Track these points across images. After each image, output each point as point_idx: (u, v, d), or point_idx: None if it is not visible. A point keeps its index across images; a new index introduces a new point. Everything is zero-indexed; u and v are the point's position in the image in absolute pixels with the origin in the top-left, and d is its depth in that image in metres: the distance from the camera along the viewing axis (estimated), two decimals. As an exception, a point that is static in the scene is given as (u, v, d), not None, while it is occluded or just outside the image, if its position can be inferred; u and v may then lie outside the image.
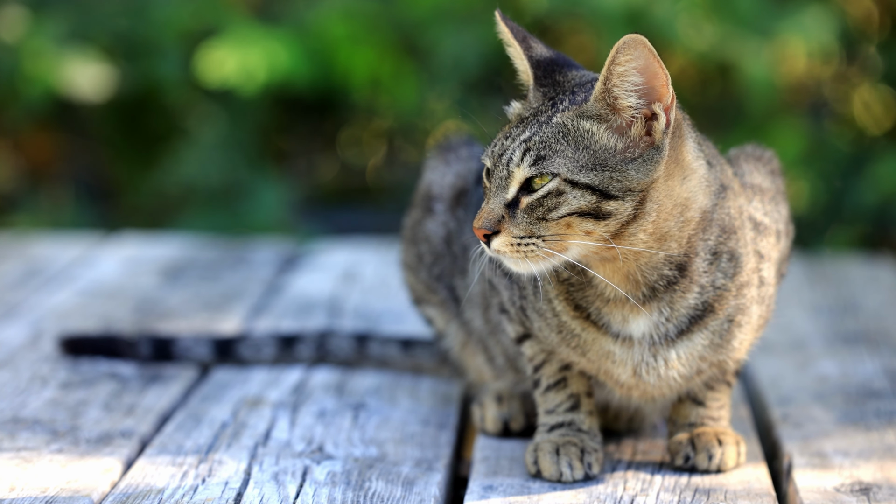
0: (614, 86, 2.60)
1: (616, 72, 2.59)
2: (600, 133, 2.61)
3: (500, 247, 2.62)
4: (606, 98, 2.61)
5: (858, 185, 5.90)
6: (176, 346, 3.57)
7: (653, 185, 2.61)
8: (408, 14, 6.13)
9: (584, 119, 2.62)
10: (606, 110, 2.61)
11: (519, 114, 2.73)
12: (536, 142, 2.61)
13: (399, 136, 7.00)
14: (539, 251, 2.61)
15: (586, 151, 2.60)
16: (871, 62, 6.35)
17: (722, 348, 2.78)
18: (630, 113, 2.61)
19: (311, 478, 2.86)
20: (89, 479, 2.85)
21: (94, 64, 6.21)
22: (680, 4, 5.83)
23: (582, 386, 2.90)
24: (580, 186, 2.59)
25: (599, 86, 2.61)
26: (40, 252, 4.81)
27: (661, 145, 2.61)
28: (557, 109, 2.65)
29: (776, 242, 2.87)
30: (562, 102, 2.66)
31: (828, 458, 2.97)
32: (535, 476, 2.85)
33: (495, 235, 2.61)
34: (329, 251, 4.94)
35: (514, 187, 2.62)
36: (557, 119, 2.63)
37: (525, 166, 2.61)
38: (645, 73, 2.59)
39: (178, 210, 6.40)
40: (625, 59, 2.57)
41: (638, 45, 2.56)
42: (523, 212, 2.61)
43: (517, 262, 2.63)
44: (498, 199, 2.63)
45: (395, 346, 3.54)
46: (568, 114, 2.63)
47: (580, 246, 2.61)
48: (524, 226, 2.61)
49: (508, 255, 2.62)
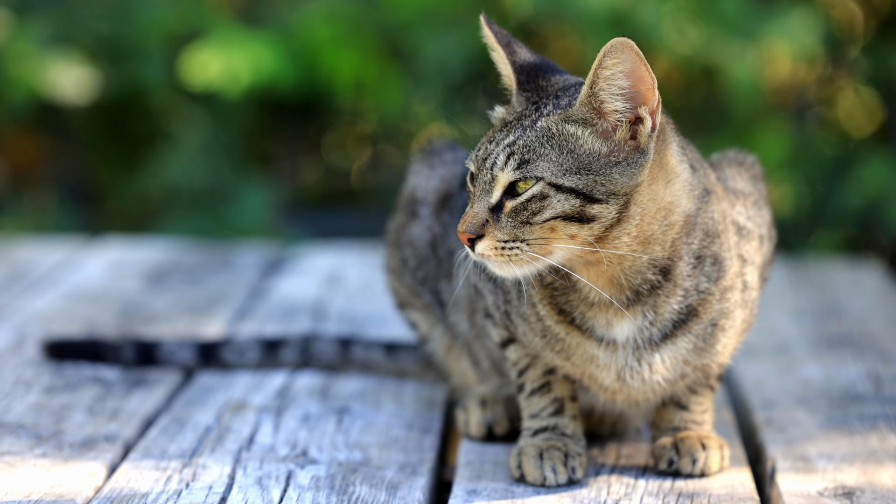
0: (601, 90, 2.60)
1: (603, 75, 2.59)
2: (585, 137, 2.61)
3: (484, 250, 2.62)
4: (592, 102, 2.61)
5: (843, 189, 5.90)
6: (160, 350, 3.56)
7: (637, 189, 2.61)
8: (392, 17, 6.13)
9: (569, 123, 2.62)
10: (592, 114, 2.61)
11: (503, 118, 2.73)
12: (520, 146, 2.61)
13: (383, 140, 7.00)
14: (523, 255, 2.61)
15: (570, 155, 2.60)
16: (856, 65, 6.36)
17: (706, 352, 2.78)
18: (615, 117, 2.61)
19: (294, 482, 2.85)
20: (73, 483, 2.85)
21: (77, 67, 6.20)
22: (664, 7, 5.83)
23: (566, 390, 2.90)
24: (564, 190, 2.59)
25: (585, 90, 2.61)
26: (24, 256, 4.80)
27: (647, 149, 2.62)
28: (542, 114, 2.64)
29: (759, 246, 2.88)
30: (546, 107, 2.66)
31: (811, 462, 2.97)
32: (519, 480, 2.85)
33: (479, 239, 2.61)
34: (313, 255, 4.94)
35: (499, 191, 2.62)
36: (542, 123, 2.63)
37: (509, 170, 2.61)
38: (632, 76, 2.59)
39: (163, 213, 6.39)
40: (612, 63, 2.57)
41: (625, 48, 2.56)
42: (507, 216, 2.61)
43: (501, 266, 2.63)
44: (482, 203, 2.63)
45: (379, 351, 3.53)
46: (552, 118, 2.63)
47: (564, 250, 2.61)
48: (508, 230, 2.61)
49: (493, 258, 2.62)
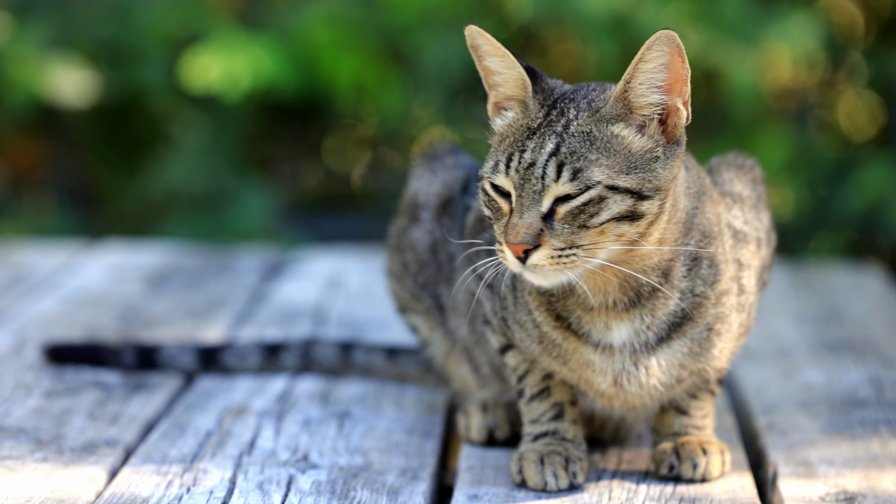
0: (640, 83, 2.58)
1: (643, 69, 2.57)
2: (626, 134, 2.59)
3: (539, 261, 2.56)
4: (628, 96, 2.59)
5: (844, 193, 5.90)
6: (160, 354, 3.56)
7: (672, 182, 2.61)
8: (392, 20, 6.12)
9: (607, 123, 2.59)
10: (625, 110, 2.59)
11: (524, 124, 2.65)
12: (566, 153, 2.56)
13: (384, 143, 6.99)
14: (578, 261, 2.57)
15: (617, 155, 2.57)
16: (857, 68, 6.36)
17: (701, 356, 2.78)
18: (650, 110, 2.60)
19: (295, 487, 2.85)
20: (74, 488, 2.84)
21: (77, 70, 6.20)
22: (665, 11, 5.82)
23: (565, 395, 2.89)
24: (620, 191, 2.56)
25: (621, 85, 2.59)
26: (24, 259, 4.79)
27: (680, 140, 2.62)
28: (569, 117, 2.60)
29: (756, 251, 2.87)
30: (569, 110, 2.62)
31: (813, 467, 2.97)
32: (520, 485, 2.85)
33: (535, 250, 2.56)
34: (314, 259, 4.94)
35: (549, 200, 2.56)
36: (577, 127, 2.59)
37: (564, 180, 2.55)
38: (671, 68, 2.57)
39: (163, 217, 6.39)
40: (654, 56, 2.55)
41: (670, 41, 2.54)
42: (561, 222, 2.56)
43: (547, 276, 2.59)
44: (533, 213, 2.56)
45: (380, 355, 3.53)
46: (586, 119, 2.60)
47: (607, 251, 2.59)
48: (564, 236, 2.56)
49: (546, 267, 2.56)
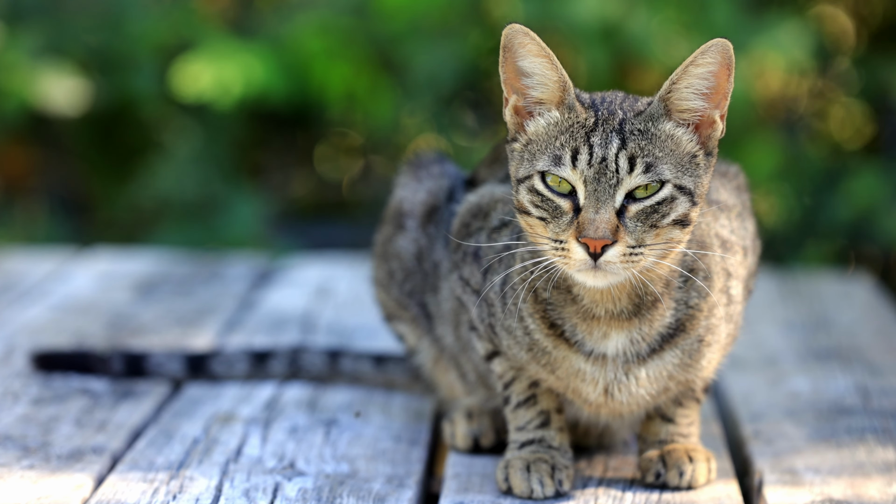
0: (686, 86, 2.59)
1: (693, 72, 2.58)
2: (679, 134, 2.60)
3: (612, 258, 2.54)
4: (672, 97, 2.60)
5: (833, 201, 5.91)
6: (148, 361, 3.55)
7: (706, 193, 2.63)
8: (383, 29, 6.13)
9: (658, 121, 2.60)
10: (668, 111, 2.60)
11: (577, 122, 2.61)
12: (634, 148, 2.56)
13: (374, 151, 7.00)
14: (643, 260, 2.57)
15: (674, 155, 2.59)
16: (847, 77, 6.37)
17: (691, 368, 2.78)
18: (689, 115, 2.61)
19: (282, 494, 2.85)
20: (60, 495, 2.84)
21: (69, 78, 6.20)
22: (655, 20, 5.83)
23: (552, 402, 2.90)
24: (685, 192, 2.58)
25: (666, 85, 2.60)
26: (13, 267, 4.79)
27: (713, 152, 2.63)
28: (619, 117, 2.60)
29: (743, 259, 2.87)
30: (616, 111, 2.61)
31: (799, 474, 2.97)
32: (506, 493, 2.85)
33: (611, 245, 2.54)
34: (303, 266, 4.94)
35: (622, 194, 2.56)
36: (632, 125, 2.59)
37: (637, 174, 2.55)
38: (718, 78, 2.59)
39: (153, 224, 6.39)
40: (706, 61, 2.57)
41: (724, 50, 2.56)
42: (634, 220, 2.56)
43: (609, 274, 2.57)
44: (609, 207, 2.55)
45: (367, 362, 3.53)
46: (637, 119, 2.59)
47: (656, 254, 2.59)
48: (637, 234, 2.56)
49: (618, 265, 2.55)
